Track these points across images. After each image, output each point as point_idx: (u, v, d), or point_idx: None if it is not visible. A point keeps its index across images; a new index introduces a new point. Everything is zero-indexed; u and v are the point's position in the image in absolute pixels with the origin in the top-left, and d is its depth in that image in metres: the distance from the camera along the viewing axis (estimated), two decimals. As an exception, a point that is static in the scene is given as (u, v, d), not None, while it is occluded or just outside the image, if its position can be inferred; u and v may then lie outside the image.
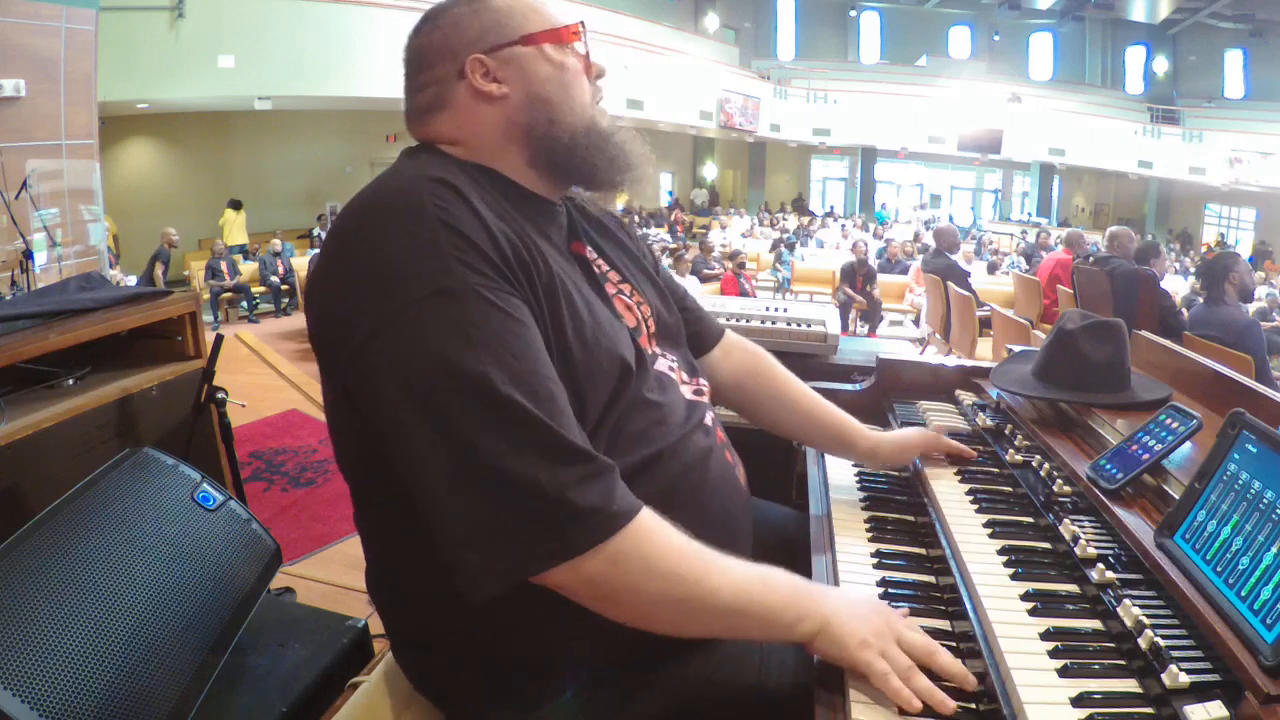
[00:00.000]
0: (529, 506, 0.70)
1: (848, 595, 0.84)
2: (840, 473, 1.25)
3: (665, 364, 0.95)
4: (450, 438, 0.70)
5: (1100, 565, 0.84)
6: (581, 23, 0.92)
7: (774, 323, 1.97)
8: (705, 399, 0.99)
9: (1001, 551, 0.93)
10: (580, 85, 0.91)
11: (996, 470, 1.17)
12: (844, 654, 0.76)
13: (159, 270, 8.55)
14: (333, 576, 2.63)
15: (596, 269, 0.95)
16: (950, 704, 0.73)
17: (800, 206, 21.22)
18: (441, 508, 0.71)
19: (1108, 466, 0.98)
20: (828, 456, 1.29)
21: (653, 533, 0.74)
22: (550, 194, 0.93)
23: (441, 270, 0.72)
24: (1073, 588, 0.86)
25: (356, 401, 0.77)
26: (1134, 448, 0.98)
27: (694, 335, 1.13)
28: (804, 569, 1.01)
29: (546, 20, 0.90)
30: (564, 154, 0.89)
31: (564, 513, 0.70)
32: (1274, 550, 0.70)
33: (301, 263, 9.14)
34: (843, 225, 16.50)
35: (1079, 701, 0.68)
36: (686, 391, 0.95)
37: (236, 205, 11.07)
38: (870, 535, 1.07)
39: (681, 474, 0.88)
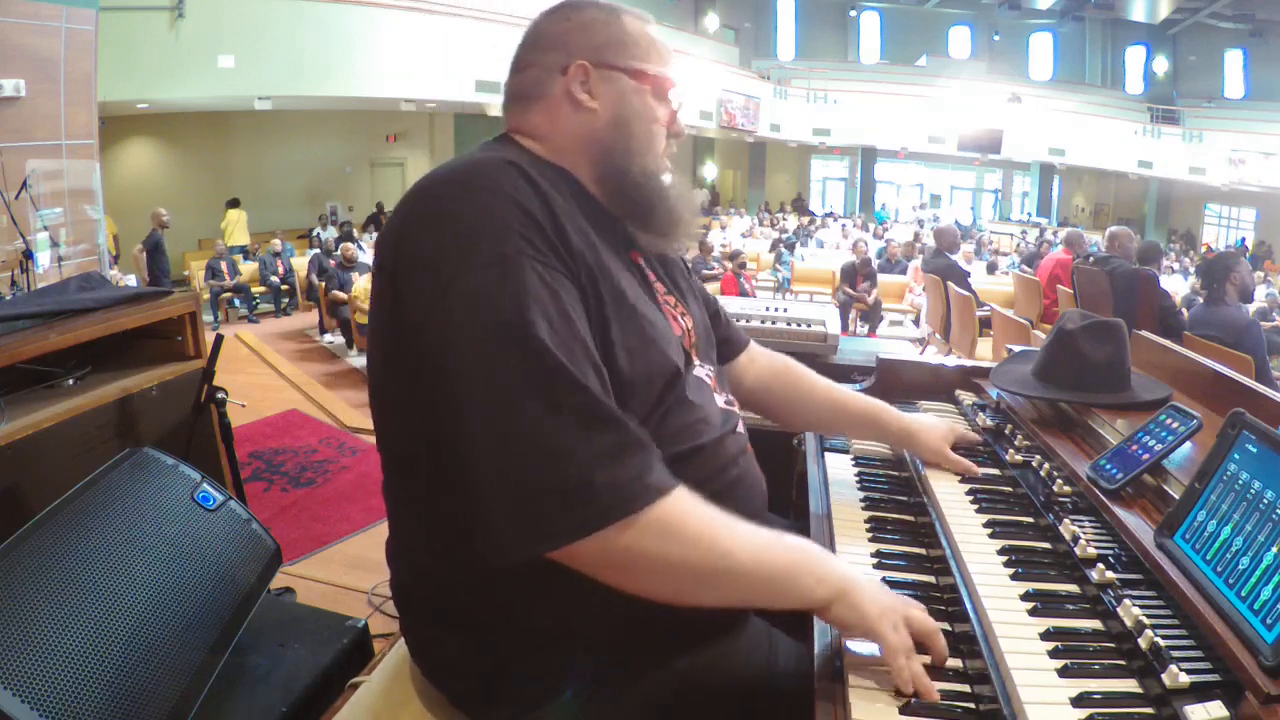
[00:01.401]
0: (562, 473, 0.71)
1: (858, 569, 0.87)
2: (840, 473, 1.25)
3: (704, 371, 0.98)
4: (495, 394, 0.72)
5: (1100, 565, 0.84)
6: (684, 85, 0.98)
7: (774, 323, 1.97)
8: (735, 409, 1.01)
9: (1001, 551, 0.93)
10: (660, 137, 0.96)
11: (996, 470, 1.17)
12: (864, 621, 0.78)
13: (141, 254, 8.43)
14: (333, 576, 2.63)
15: (650, 276, 0.98)
16: (935, 694, 0.75)
17: (800, 206, 21.21)
18: (479, 467, 0.72)
19: (1108, 466, 0.98)
20: (828, 456, 1.29)
21: (681, 503, 0.75)
22: (614, 210, 0.95)
23: (505, 241, 0.76)
24: (1073, 588, 0.86)
25: (415, 358, 0.79)
26: (1134, 448, 0.98)
27: (723, 341, 1.16)
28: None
29: (661, 67, 0.95)
30: (631, 187, 0.93)
31: (595, 482, 0.71)
32: (1274, 550, 0.70)
33: (301, 263, 9.12)
34: (843, 225, 16.50)
35: (1079, 701, 0.68)
36: (719, 400, 0.97)
37: (235, 204, 11.03)
38: (870, 535, 1.07)
39: (719, 470, 0.90)
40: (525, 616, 0.82)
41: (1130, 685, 0.71)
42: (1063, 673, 0.72)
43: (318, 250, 9.22)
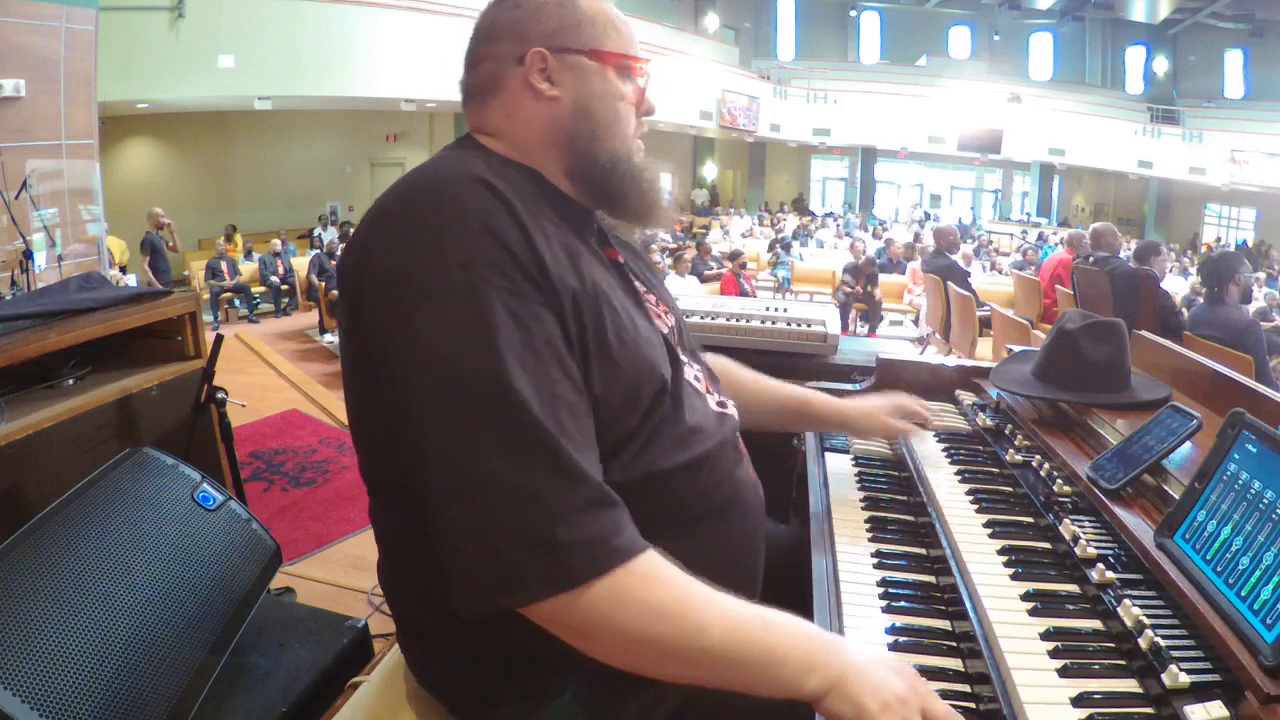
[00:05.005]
0: (525, 528, 0.67)
1: (869, 651, 0.75)
2: (840, 472, 1.25)
3: (692, 372, 0.95)
4: (456, 440, 0.69)
5: (1100, 565, 0.84)
6: (648, 60, 0.94)
7: (774, 323, 1.97)
8: (730, 410, 0.97)
9: (1001, 551, 0.93)
10: (628, 116, 0.91)
11: (996, 470, 1.17)
12: (860, 715, 0.68)
13: (143, 259, 8.36)
14: (333, 576, 2.63)
15: (630, 275, 0.95)
16: None
17: (800, 207, 21.20)
18: (441, 513, 0.70)
19: (1108, 466, 0.98)
20: (828, 456, 1.29)
21: (650, 568, 0.70)
22: (586, 203, 0.92)
23: (471, 272, 0.71)
24: (1073, 588, 0.86)
25: (380, 388, 0.76)
26: (1134, 448, 0.98)
27: None
28: (804, 578, 1.01)
29: (622, 44, 0.91)
30: (600, 174, 0.88)
31: (560, 540, 0.67)
32: (1274, 550, 0.70)
33: (301, 263, 9.12)
34: (837, 224, 16.51)
35: (1079, 701, 0.68)
36: (711, 403, 0.94)
37: (233, 229, 10.76)
38: (870, 535, 1.07)
39: (716, 484, 0.87)
40: (518, 641, 0.78)
41: (1130, 685, 0.71)
42: (1063, 673, 0.72)
43: (318, 250, 9.22)
